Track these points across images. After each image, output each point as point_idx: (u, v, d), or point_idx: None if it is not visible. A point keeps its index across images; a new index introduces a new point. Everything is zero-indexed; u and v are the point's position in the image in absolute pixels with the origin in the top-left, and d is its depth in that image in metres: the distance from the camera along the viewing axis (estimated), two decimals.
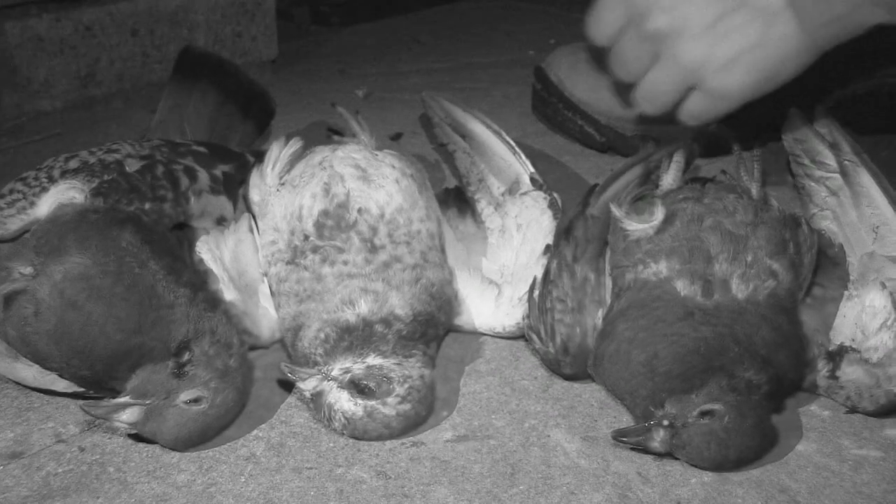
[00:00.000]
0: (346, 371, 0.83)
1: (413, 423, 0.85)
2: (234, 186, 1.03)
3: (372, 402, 0.82)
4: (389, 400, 0.83)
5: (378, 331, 0.85)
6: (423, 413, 0.85)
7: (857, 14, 0.80)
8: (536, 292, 0.92)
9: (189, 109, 1.19)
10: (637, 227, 0.90)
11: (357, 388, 0.82)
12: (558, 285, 0.90)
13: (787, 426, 0.86)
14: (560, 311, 0.89)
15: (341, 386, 0.82)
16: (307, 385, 0.82)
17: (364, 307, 0.86)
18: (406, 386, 0.83)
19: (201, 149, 1.04)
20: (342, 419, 0.82)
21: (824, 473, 0.82)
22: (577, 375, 0.92)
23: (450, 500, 0.78)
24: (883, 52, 1.17)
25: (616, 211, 0.91)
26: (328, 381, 0.82)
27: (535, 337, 0.92)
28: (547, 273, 0.92)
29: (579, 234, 0.92)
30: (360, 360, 0.83)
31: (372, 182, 0.94)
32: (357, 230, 0.90)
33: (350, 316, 0.86)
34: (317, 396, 0.83)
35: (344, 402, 0.82)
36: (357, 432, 0.83)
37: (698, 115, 0.93)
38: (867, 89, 1.24)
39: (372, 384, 0.82)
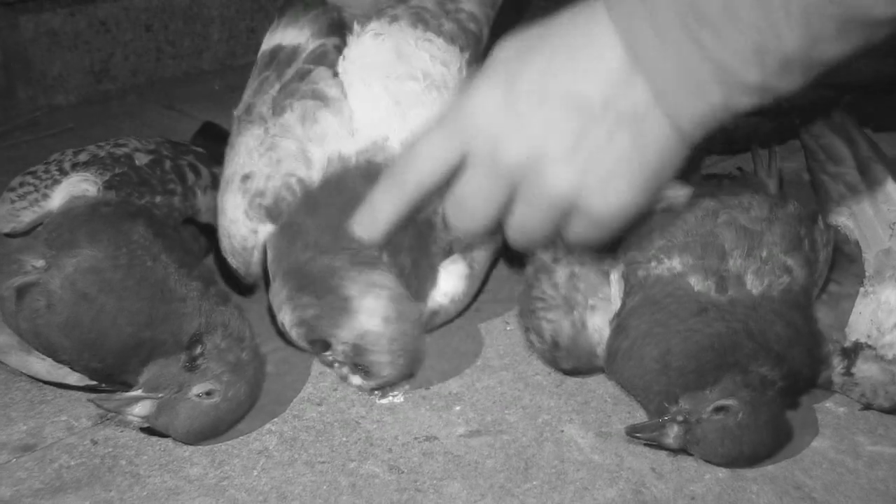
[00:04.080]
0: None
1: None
2: None
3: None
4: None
5: None
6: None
7: (730, 102, 0.68)
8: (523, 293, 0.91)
9: None
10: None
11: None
12: (535, 286, 0.90)
13: (802, 423, 0.85)
14: (542, 309, 0.89)
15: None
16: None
17: None
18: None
19: (199, 149, 1.05)
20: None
21: (839, 470, 0.81)
22: (578, 369, 0.91)
23: (463, 495, 0.78)
24: None
25: None
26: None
27: (531, 336, 0.92)
28: (527, 277, 0.92)
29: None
30: None
31: None
32: None
33: None
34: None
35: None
36: None
37: (584, 238, 0.78)
38: (885, 87, 1.23)
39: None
